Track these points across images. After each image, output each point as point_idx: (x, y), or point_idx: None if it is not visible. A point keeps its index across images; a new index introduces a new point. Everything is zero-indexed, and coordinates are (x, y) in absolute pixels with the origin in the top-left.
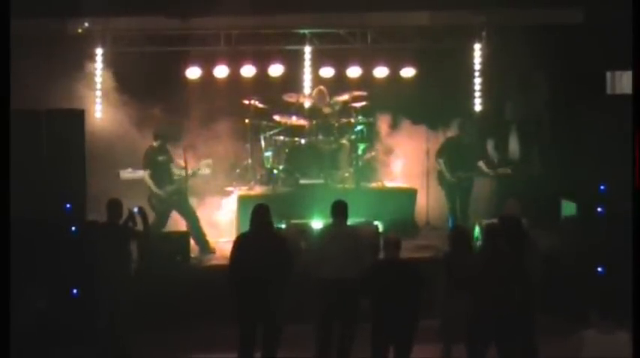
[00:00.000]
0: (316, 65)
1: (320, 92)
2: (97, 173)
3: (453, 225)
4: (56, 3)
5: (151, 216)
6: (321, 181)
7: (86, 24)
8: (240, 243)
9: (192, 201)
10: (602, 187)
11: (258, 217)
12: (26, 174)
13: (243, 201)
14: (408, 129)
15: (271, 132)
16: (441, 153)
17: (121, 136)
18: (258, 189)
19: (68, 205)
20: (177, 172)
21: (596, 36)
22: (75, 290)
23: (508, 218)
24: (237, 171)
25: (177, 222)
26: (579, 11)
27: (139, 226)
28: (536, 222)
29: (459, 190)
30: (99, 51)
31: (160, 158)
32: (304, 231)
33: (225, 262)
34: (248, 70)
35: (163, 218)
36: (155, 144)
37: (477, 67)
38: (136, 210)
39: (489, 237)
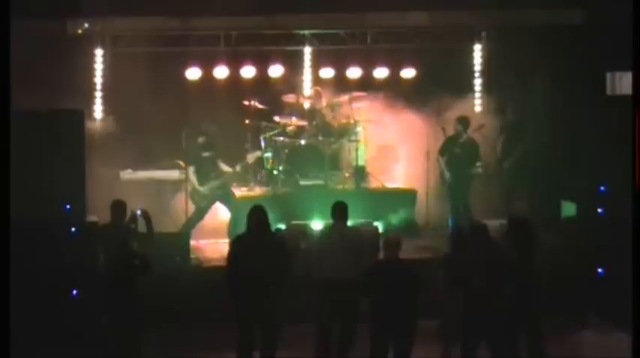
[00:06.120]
0: (316, 66)
1: (316, 92)
2: (97, 173)
3: (453, 224)
4: (56, 3)
5: (179, 212)
6: (321, 182)
7: (86, 24)
8: (238, 244)
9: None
10: (602, 188)
11: (255, 219)
12: (26, 174)
13: (243, 201)
14: (407, 130)
15: (271, 133)
16: (442, 151)
17: (121, 136)
18: (258, 190)
19: (68, 206)
20: (224, 169)
21: (596, 37)
22: (75, 291)
23: (517, 219)
24: (238, 171)
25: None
26: (579, 12)
27: (142, 228)
28: (536, 223)
29: (459, 188)
30: (99, 51)
31: (205, 154)
32: (304, 231)
33: (225, 263)
34: (248, 71)
35: (203, 211)
36: (200, 140)
37: (477, 67)
38: (139, 212)
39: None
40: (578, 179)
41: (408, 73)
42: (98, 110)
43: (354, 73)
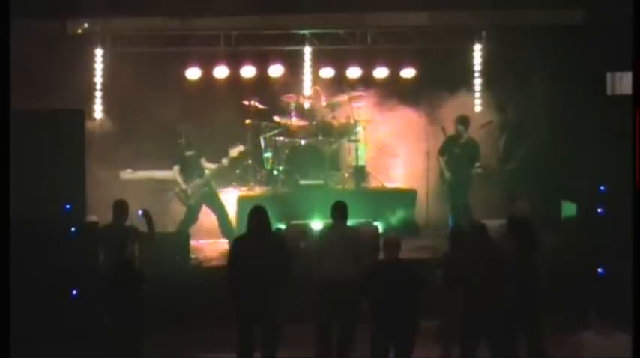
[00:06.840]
0: (316, 66)
1: (316, 92)
2: (97, 173)
3: (453, 224)
4: (56, 3)
5: (179, 211)
6: (321, 182)
7: (86, 24)
8: (238, 244)
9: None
10: (602, 188)
11: (255, 219)
12: (26, 174)
13: (242, 201)
14: (407, 130)
15: (271, 133)
16: (442, 151)
17: (121, 136)
18: (257, 190)
19: (68, 206)
20: (207, 166)
21: (596, 37)
22: (75, 291)
23: (518, 220)
24: (237, 171)
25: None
26: (579, 12)
27: (143, 228)
28: (536, 223)
29: (459, 188)
30: (99, 51)
31: (188, 153)
32: (304, 231)
33: (225, 262)
34: (248, 71)
35: (194, 213)
36: (181, 140)
37: (477, 67)
38: (140, 212)
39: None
40: (578, 179)
41: (408, 73)
42: (98, 110)
43: (353, 72)
